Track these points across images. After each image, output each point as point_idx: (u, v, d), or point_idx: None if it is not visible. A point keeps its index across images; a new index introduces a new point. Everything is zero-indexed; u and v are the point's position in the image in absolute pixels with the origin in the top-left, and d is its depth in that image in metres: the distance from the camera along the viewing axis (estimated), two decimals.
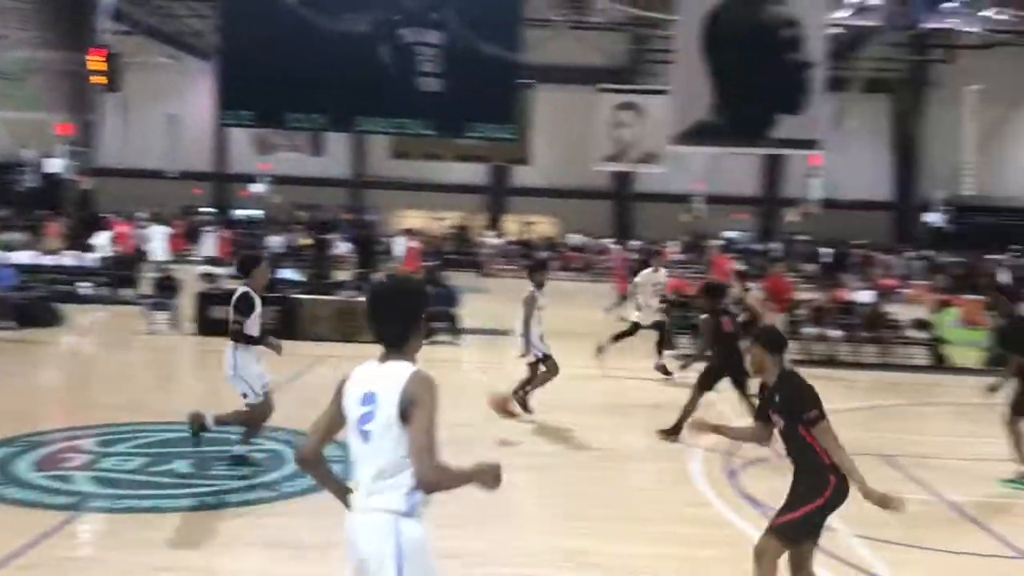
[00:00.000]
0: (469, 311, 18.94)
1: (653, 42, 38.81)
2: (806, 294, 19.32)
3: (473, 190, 46.65)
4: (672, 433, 10.39)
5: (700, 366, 11.48)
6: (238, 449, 8.65)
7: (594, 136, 33.82)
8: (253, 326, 8.28)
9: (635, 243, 39.76)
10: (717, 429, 5.82)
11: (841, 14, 29.39)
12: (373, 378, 3.59)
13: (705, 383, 10.69)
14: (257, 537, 6.92)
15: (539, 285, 11.44)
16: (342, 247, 31.13)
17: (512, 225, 47.59)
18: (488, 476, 3.60)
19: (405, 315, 3.68)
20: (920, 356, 16.88)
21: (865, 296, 19.87)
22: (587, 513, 7.78)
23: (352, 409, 3.61)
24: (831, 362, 16.34)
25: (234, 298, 8.35)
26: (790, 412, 5.26)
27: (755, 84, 18.14)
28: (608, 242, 43.03)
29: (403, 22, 17.80)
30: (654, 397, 13.36)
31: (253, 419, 8.55)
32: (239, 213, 45.82)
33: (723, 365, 10.77)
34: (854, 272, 33.15)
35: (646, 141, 32.54)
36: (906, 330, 17.45)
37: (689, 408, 10.43)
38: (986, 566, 7.07)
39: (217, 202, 46.55)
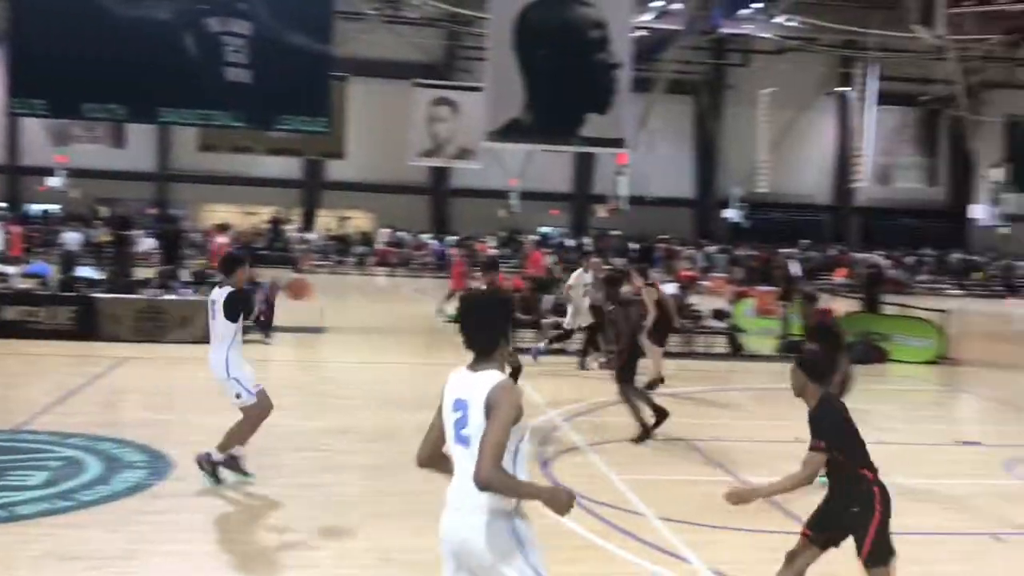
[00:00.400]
0: (283, 308, 18.56)
1: (467, 39, 39.12)
2: None
3: (286, 184, 45.67)
4: (645, 436, 10.42)
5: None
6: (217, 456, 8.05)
7: (410, 131, 33.81)
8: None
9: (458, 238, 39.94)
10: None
11: (646, 17, 30.50)
12: (463, 385, 3.85)
13: (627, 375, 10.71)
14: (51, 548, 6.54)
15: (490, 285, 11.46)
16: (146, 243, 29.84)
17: (327, 220, 46.92)
18: (560, 501, 3.78)
19: (494, 325, 3.93)
20: (719, 344, 17.74)
21: (669, 288, 20.66)
22: (394, 510, 7.74)
23: (448, 416, 3.88)
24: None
25: (223, 299, 7.95)
26: (813, 433, 5.46)
27: (565, 83, 18.58)
28: (426, 237, 43.11)
29: (209, 11, 17.23)
30: None
31: (253, 426, 8.12)
32: (35, 208, 43.16)
33: (634, 353, 10.88)
34: (659, 265, 34.50)
35: (462, 137, 32.83)
36: (706, 320, 18.31)
37: (634, 405, 10.51)
38: (781, 542, 7.49)
39: (9, 196, 43.60)
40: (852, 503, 5.49)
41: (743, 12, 34.76)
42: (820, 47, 40.81)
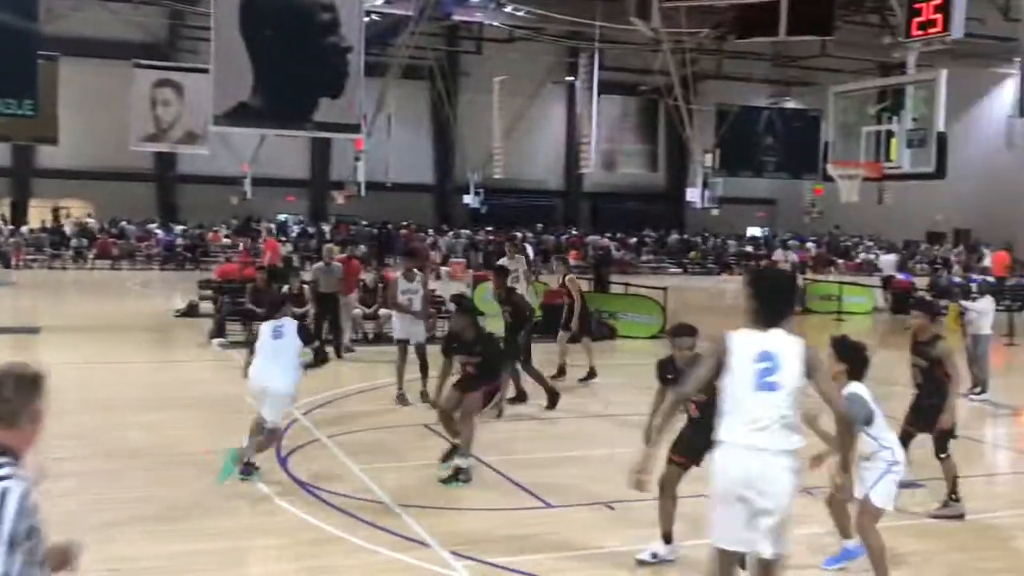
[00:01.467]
0: None
1: (191, 18, 37.39)
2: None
3: None
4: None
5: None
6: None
7: (131, 114, 31.84)
8: None
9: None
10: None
11: (377, 1, 30.31)
12: (765, 342, 4.53)
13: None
14: None
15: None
16: None
17: (40, 211, 43.43)
18: None
19: (791, 298, 4.79)
20: None
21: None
22: (120, 518, 7.29)
23: (745, 365, 4.50)
24: (380, 338, 16.91)
25: (296, 327, 8.66)
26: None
27: (294, 66, 18.11)
28: (153, 227, 40.90)
29: None
30: (203, 389, 12.99)
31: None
32: None
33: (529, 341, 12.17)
34: (400, 252, 34.59)
35: (188, 120, 31.33)
36: (447, 304, 18.49)
37: (539, 377, 11.93)
38: (516, 517, 7.70)
39: None
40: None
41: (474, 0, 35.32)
42: (548, 37, 42.14)
